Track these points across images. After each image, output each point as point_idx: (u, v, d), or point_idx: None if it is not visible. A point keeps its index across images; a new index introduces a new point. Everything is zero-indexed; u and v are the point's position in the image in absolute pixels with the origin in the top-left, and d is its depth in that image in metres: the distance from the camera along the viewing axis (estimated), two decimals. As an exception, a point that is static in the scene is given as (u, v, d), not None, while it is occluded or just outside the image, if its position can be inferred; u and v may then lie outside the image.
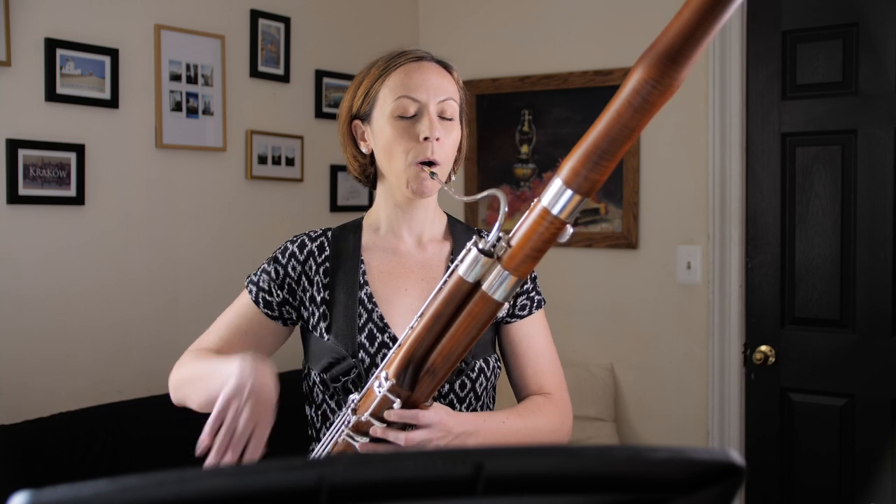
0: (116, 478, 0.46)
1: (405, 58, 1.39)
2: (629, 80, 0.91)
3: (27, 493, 0.45)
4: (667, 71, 0.89)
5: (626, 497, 0.55)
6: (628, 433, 3.12)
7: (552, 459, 0.55)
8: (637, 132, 0.93)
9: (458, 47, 3.37)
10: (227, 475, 0.48)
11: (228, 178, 2.87)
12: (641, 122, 0.92)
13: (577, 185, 0.97)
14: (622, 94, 0.92)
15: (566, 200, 0.98)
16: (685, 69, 0.89)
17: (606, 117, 0.93)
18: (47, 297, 2.41)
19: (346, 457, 1.23)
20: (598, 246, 3.14)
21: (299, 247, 1.45)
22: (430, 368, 1.13)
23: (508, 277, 1.04)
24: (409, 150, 1.34)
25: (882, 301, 2.65)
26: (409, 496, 0.52)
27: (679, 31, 0.87)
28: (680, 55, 0.88)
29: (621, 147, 0.94)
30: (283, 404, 1.31)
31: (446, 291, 1.09)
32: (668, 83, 0.89)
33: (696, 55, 0.89)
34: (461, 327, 1.09)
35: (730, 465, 0.54)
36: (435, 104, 1.36)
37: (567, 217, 0.99)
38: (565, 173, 0.98)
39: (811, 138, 2.75)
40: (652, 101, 0.90)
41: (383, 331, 1.37)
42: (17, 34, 2.33)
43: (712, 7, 0.85)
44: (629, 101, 0.91)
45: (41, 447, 2.16)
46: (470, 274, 1.06)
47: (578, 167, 0.96)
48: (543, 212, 1.00)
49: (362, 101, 1.41)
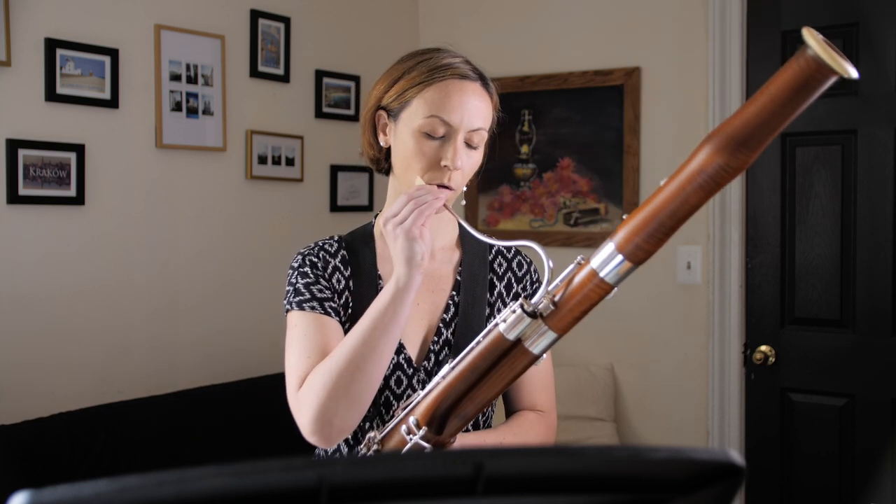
0: (116, 478, 0.46)
1: (450, 72, 1.32)
2: (697, 157, 0.90)
3: (27, 493, 0.45)
4: (738, 156, 0.88)
5: (626, 497, 0.55)
6: (628, 433, 3.12)
7: (552, 459, 0.55)
8: (697, 209, 0.93)
9: (458, 47, 3.34)
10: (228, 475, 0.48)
11: (228, 178, 2.87)
12: (704, 199, 0.92)
13: (629, 252, 0.97)
14: (688, 168, 0.91)
15: (616, 265, 0.98)
16: (756, 154, 0.88)
17: (669, 189, 0.93)
18: (47, 297, 2.41)
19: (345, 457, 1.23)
20: (598, 246, 3.14)
21: (322, 261, 1.37)
22: (460, 413, 1.13)
23: (550, 334, 1.05)
24: (427, 171, 1.30)
25: (882, 301, 2.65)
26: (409, 496, 0.52)
27: (756, 119, 0.86)
28: (753, 141, 0.87)
29: (679, 222, 0.94)
30: (283, 404, 1.31)
31: (485, 346, 1.08)
32: (737, 167, 0.89)
33: (769, 141, 0.88)
34: (497, 378, 1.09)
35: (730, 465, 0.54)
36: (465, 132, 1.30)
37: (614, 282, 0.99)
38: (620, 239, 0.98)
39: (811, 138, 2.75)
40: (719, 181, 0.90)
41: (399, 352, 1.35)
42: (17, 34, 2.33)
43: (793, 98, 0.84)
44: (694, 179, 0.90)
45: (41, 447, 2.16)
46: (512, 332, 1.06)
47: (633, 235, 0.96)
48: (592, 273, 1.00)
49: (395, 98, 1.34)
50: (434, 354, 1.37)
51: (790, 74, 0.83)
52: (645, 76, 3.05)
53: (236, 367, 2.84)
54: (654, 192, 0.95)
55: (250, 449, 2.53)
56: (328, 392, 1.19)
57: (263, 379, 2.73)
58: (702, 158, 0.89)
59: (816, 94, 0.83)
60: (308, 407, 1.21)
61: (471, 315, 1.40)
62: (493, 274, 1.44)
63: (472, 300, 1.40)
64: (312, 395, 1.21)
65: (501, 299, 1.43)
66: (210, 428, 2.49)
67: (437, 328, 1.38)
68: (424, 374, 1.36)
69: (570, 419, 2.96)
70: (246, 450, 2.52)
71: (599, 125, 3.15)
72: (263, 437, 2.56)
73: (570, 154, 3.21)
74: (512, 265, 1.46)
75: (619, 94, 3.10)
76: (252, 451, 2.52)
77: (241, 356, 2.88)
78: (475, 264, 1.43)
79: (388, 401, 1.33)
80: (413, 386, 1.35)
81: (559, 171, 3.23)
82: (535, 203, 3.28)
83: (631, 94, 3.06)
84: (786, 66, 0.83)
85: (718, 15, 2.86)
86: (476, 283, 1.42)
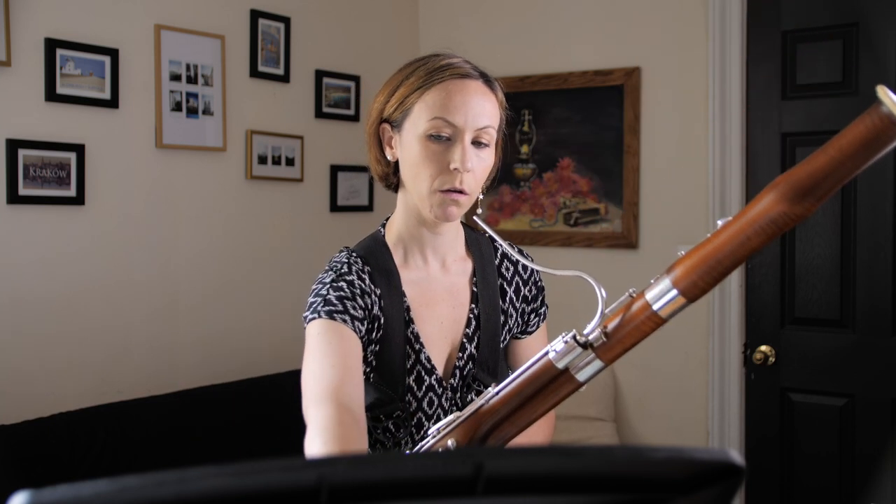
0: (116, 478, 0.46)
1: (449, 73, 1.28)
2: (762, 201, 0.91)
3: (27, 493, 0.45)
4: (804, 204, 0.89)
5: (626, 497, 0.55)
6: (628, 433, 3.12)
7: (552, 459, 0.55)
8: (755, 251, 0.94)
9: (458, 47, 3.35)
10: (228, 475, 0.48)
11: (228, 178, 2.87)
12: (764, 243, 0.93)
13: (685, 288, 0.98)
14: (752, 210, 0.92)
15: (670, 300, 0.99)
16: (820, 203, 0.90)
17: (731, 230, 0.94)
18: (47, 297, 2.41)
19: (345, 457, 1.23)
20: (598, 246, 3.14)
21: (357, 278, 1.30)
22: (498, 436, 1.12)
23: (597, 363, 1.05)
24: (437, 177, 1.25)
25: (882, 301, 2.65)
26: (409, 496, 0.52)
27: (824, 170, 0.87)
28: (820, 191, 0.88)
29: (737, 263, 0.95)
30: (283, 404, 1.31)
31: (533, 373, 1.08)
32: (801, 215, 0.90)
33: (834, 192, 0.89)
34: (539, 402, 1.08)
35: (730, 465, 0.54)
36: (472, 131, 1.26)
37: (667, 316, 1.00)
38: (677, 274, 0.98)
39: (811, 138, 2.75)
40: (781, 227, 0.91)
41: (430, 373, 1.33)
42: (17, 34, 2.33)
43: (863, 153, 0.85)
44: (757, 222, 0.92)
45: (41, 447, 2.16)
46: (561, 361, 1.05)
47: (691, 272, 0.97)
48: (646, 306, 1.01)
49: (396, 107, 1.31)
50: (459, 370, 1.35)
51: (863, 129, 0.85)
52: (645, 76, 3.05)
53: (236, 367, 2.84)
54: (715, 232, 0.96)
55: (250, 449, 2.53)
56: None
57: (263, 379, 2.74)
58: (767, 203, 0.91)
59: (887, 150, 0.86)
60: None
61: (490, 327, 1.39)
62: (502, 279, 1.43)
63: (490, 311, 1.39)
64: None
65: (512, 304, 1.42)
66: (210, 428, 2.49)
67: (460, 344, 1.36)
68: (451, 391, 1.34)
69: (570, 419, 2.96)
70: (246, 450, 2.52)
71: (599, 125, 3.15)
72: (263, 437, 2.56)
73: (570, 154, 3.21)
74: (518, 268, 1.45)
75: (619, 94, 3.10)
76: (252, 451, 2.52)
77: (241, 356, 2.88)
78: (487, 272, 1.41)
79: (419, 422, 1.32)
80: (443, 405, 1.33)
81: (559, 171, 3.23)
82: (535, 203, 3.28)
83: (631, 94, 3.06)
84: (859, 121, 0.86)
85: (718, 15, 2.86)
86: (490, 291, 1.40)
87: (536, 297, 1.45)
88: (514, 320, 1.42)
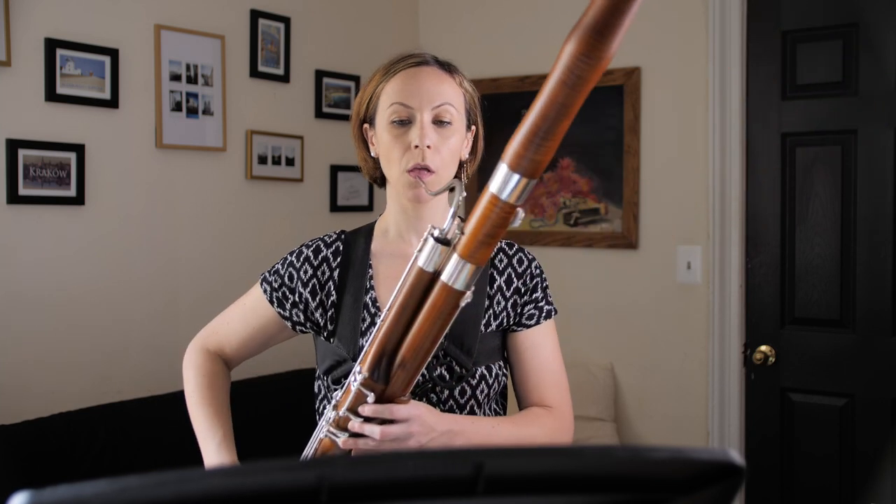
0: (116, 478, 0.46)
1: (404, 63, 1.38)
2: (560, 58, 0.91)
3: (27, 493, 0.45)
4: (596, 45, 0.89)
5: (626, 497, 0.55)
6: (628, 433, 3.12)
7: (552, 459, 0.55)
8: (574, 109, 0.94)
9: (458, 47, 3.37)
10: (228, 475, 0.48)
11: (228, 178, 2.87)
12: (577, 99, 0.93)
13: (523, 168, 0.98)
14: (555, 72, 0.92)
15: (514, 185, 0.99)
16: (614, 41, 0.89)
17: (543, 98, 0.94)
18: (47, 297, 2.41)
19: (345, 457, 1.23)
20: (598, 246, 3.14)
21: (314, 251, 1.46)
22: (401, 362, 1.14)
23: (467, 266, 1.06)
24: (402, 157, 1.34)
25: (882, 301, 2.65)
26: (409, 496, 0.52)
27: (604, 3, 0.88)
28: (607, 28, 0.88)
29: (560, 126, 0.95)
30: (283, 404, 1.31)
31: (409, 283, 1.11)
32: (598, 57, 0.89)
33: (625, 26, 0.89)
34: (426, 319, 1.10)
35: (730, 465, 0.54)
36: (429, 111, 1.34)
37: (516, 201, 1.00)
38: (510, 158, 0.99)
39: (811, 138, 2.75)
40: (585, 76, 0.91)
41: None
42: (17, 34, 2.33)
43: None
44: (563, 80, 0.92)
45: (41, 447, 2.16)
46: (429, 264, 1.09)
47: (522, 151, 0.97)
48: (493, 198, 1.01)
49: (367, 105, 1.41)
50: None
51: None
52: (645, 76, 3.05)
53: (236, 367, 2.83)
54: (530, 105, 0.96)
55: (250, 449, 2.53)
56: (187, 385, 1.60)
57: (263, 379, 2.73)
58: (565, 58, 0.91)
59: None
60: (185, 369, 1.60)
61: (469, 305, 1.39)
62: (493, 269, 1.44)
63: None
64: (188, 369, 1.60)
65: (501, 293, 1.42)
66: (210, 428, 2.49)
67: None
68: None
69: (570, 419, 2.96)
70: (246, 450, 2.52)
71: (599, 125, 3.15)
72: (263, 438, 2.56)
73: (570, 154, 3.21)
74: (513, 261, 1.46)
75: (619, 94, 3.09)
76: (252, 451, 2.52)
77: (241, 356, 2.88)
78: None
79: None
80: None
81: (559, 171, 3.23)
82: (534, 203, 3.28)
83: (631, 94, 3.06)
84: None
85: (718, 15, 2.86)
86: None
87: (533, 291, 1.45)
88: (503, 309, 1.42)
